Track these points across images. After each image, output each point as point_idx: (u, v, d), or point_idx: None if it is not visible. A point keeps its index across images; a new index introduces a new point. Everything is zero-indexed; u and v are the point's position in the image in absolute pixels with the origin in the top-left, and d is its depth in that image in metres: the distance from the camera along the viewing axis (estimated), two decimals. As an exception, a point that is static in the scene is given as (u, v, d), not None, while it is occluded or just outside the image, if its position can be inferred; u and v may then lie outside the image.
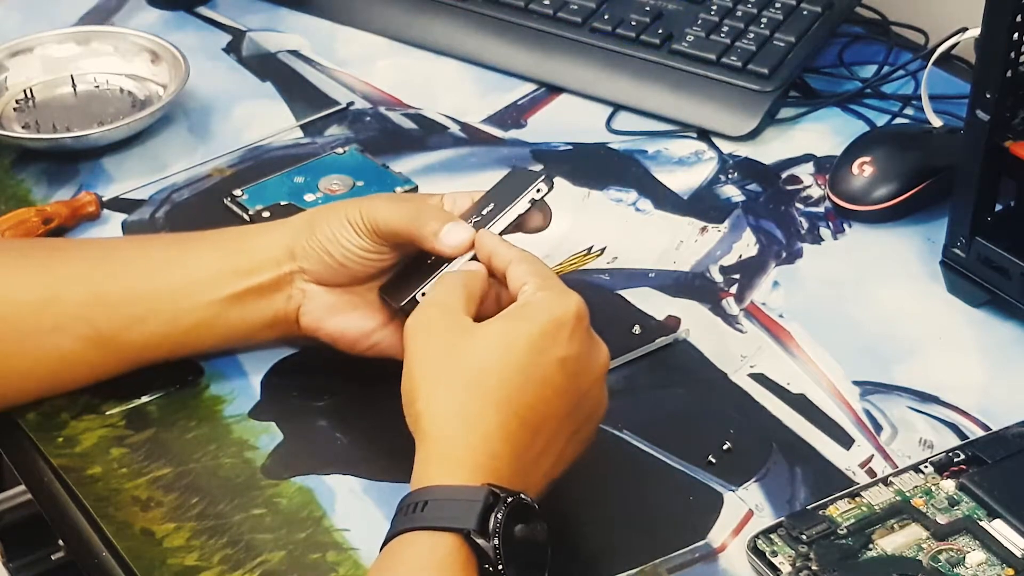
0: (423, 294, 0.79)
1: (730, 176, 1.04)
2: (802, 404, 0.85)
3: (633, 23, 1.13)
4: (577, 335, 0.72)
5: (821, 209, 1.01)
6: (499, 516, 0.66)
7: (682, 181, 1.04)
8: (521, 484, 0.69)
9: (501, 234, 0.80)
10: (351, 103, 1.12)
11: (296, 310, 0.83)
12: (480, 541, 0.66)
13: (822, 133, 1.08)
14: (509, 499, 0.67)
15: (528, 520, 0.68)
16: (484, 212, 0.81)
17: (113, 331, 0.82)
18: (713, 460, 0.81)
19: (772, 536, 0.74)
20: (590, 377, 0.73)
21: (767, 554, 0.73)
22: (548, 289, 0.74)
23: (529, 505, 0.69)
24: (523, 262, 0.76)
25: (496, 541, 0.66)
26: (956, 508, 0.75)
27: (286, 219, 0.85)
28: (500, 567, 0.66)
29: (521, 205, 0.81)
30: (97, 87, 1.12)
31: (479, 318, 0.74)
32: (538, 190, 0.81)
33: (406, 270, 0.82)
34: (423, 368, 0.72)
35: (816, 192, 1.02)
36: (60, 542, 1.12)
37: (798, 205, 1.01)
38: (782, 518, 0.75)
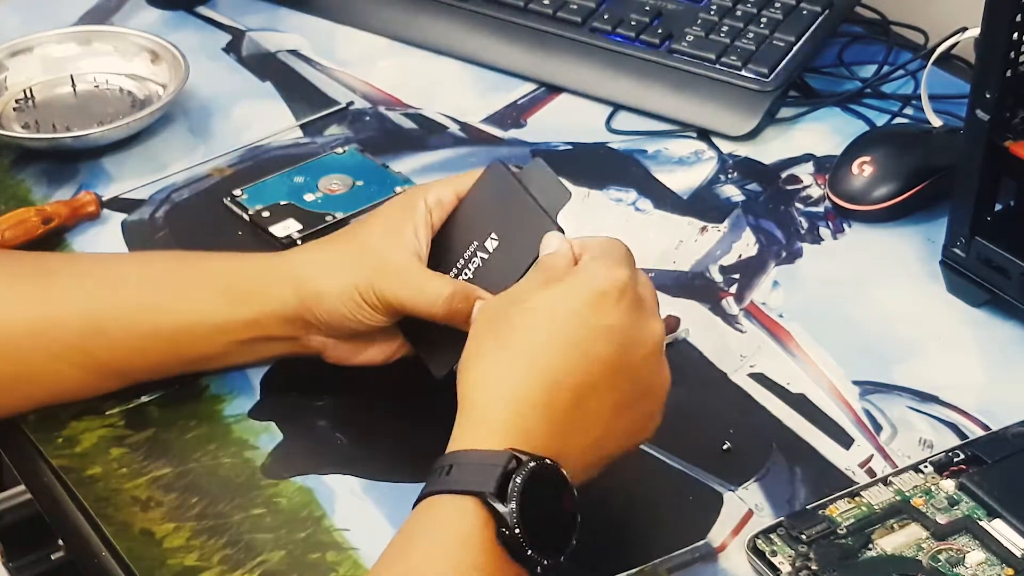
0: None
1: (730, 176, 1.04)
2: (802, 404, 0.85)
3: (633, 23, 1.13)
4: (622, 306, 0.72)
5: (821, 209, 1.01)
6: (518, 480, 0.66)
7: (682, 181, 1.04)
8: (556, 450, 0.69)
9: None
10: (351, 103, 1.12)
11: (317, 351, 0.83)
12: (497, 505, 0.66)
13: (822, 133, 1.08)
14: (532, 463, 0.67)
15: (555, 486, 0.68)
16: (490, 249, 0.79)
17: (113, 360, 0.82)
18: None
19: (772, 536, 0.74)
20: (640, 350, 0.72)
21: (767, 554, 0.73)
22: (599, 259, 0.74)
23: (556, 471, 0.68)
24: (595, 241, 0.76)
25: (513, 505, 0.66)
26: (956, 508, 0.75)
27: (296, 270, 0.81)
28: (516, 531, 0.66)
29: (528, 255, 0.78)
30: (97, 87, 1.12)
31: None
32: (552, 238, 0.77)
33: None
34: (476, 340, 0.73)
35: (816, 192, 1.02)
36: (60, 542, 1.12)
37: (798, 205, 1.01)
38: (782, 518, 0.75)
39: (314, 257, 0.82)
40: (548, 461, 0.68)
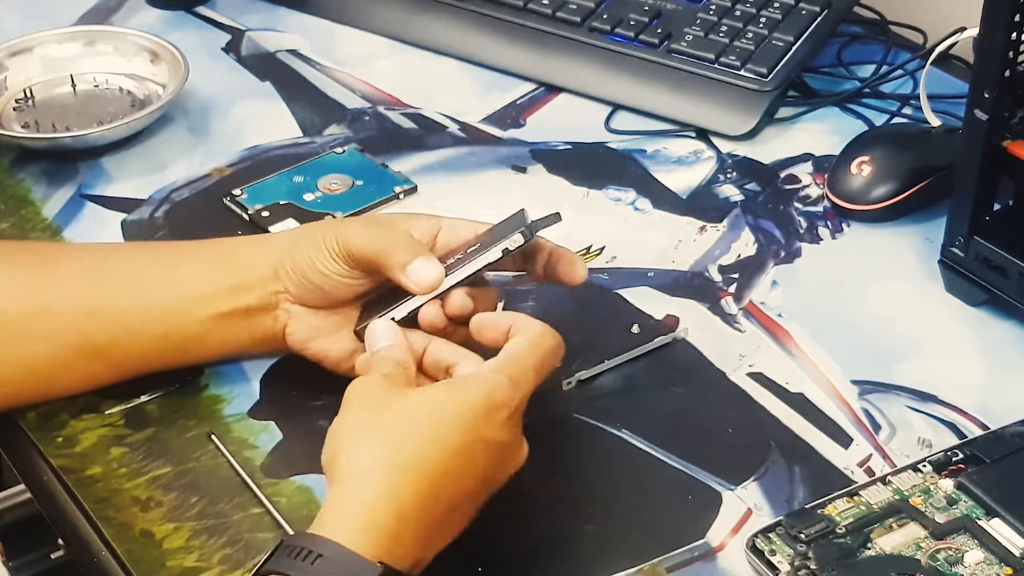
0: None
1: (729, 175, 1.04)
2: (801, 403, 0.85)
3: (632, 22, 1.13)
4: (510, 424, 0.72)
5: (820, 208, 1.01)
6: None
7: (681, 180, 1.04)
8: (419, 557, 0.68)
9: (464, 280, 0.79)
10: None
11: (282, 330, 0.83)
12: None
13: (821, 132, 1.09)
14: None
15: None
16: (469, 251, 0.80)
17: (106, 343, 0.82)
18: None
19: (771, 535, 0.74)
20: (508, 469, 0.73)
21: (766, 553, 0.74)
22: (502, 372, 0.73)
23: None
24: (518, 337, 0.75)
25: None
26: (954, 507, 0.76)
27: (276, 235, 0.85)
28: None
29: (492, 254, 0.79)
30: (96, 87, 1.12)
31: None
32: (514, 240, 0.79)
33: (381, 294, 0.82)
34: (351, 421, 0.72)
35: (815, 191, 1.02)
36: (60, 541, 1.12)
37: (797, 204, 1.01)
38: (781, 517, 0.75)
39: (294, 227, 0.87)
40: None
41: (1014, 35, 0.82)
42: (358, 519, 0.67)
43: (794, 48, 1.10)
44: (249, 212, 0.99)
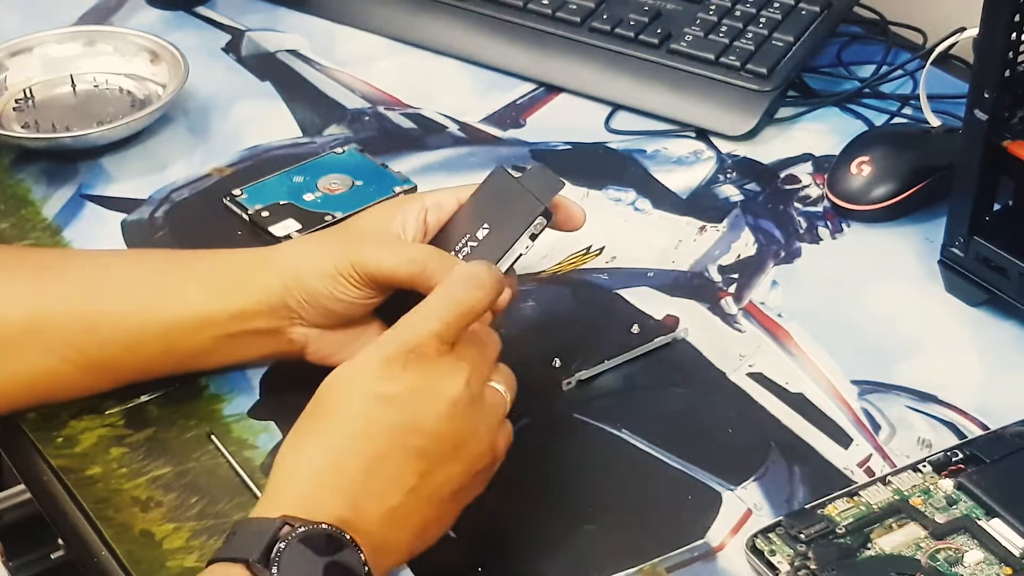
0: None
1: (728, 176, 1.04)
2: (800, 403, 0.85)
3: (632, 23, 1.13)
4: (413, 369, 0.70)
5: (820, 209, 1.01)
6: (282, 546, 0.65)
7: (681, 180, 1.04)
8: (345, 517, 0.67)
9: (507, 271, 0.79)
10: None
11: (300, 350, 0.83)
12: (261, 569, 0.65)
13: (820, 133, 1.09)
14: (303, 529, 0.65)
15: (334, 552, 0.66)
16: (480, 237, 0.80)
17: (105, 358, 0.81)
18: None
19: (771, 535, 0.74)
20: (429, 412, 0.70)
21: (765, 553, 0.74)
22: (399, 325, 0.73)
23: (336, 536, 0.66)
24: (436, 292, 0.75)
25: (274, 570, 0.64)
26: (954, 507, 0.76)
27: (276, 255, 0.83)
28: None
29: (520, 245, 0.79)
30: (96, 87, 1.12)
31: None
32: (538, 224, 0.79)
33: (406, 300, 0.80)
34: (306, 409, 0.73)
35: (815, 192, 1.02)
36: (60, 541, 1.13)
37: (796, 205, 1.01)
38: (781, 517, 0.75)
39: (297, 244, 0.85)
40: (325, 526, 0.66)
41: (1014, 35, 0.83)
42: (265, 497, 0.70)
43: (794, 48, 1.10)
44: (249, 212, 0.99)
